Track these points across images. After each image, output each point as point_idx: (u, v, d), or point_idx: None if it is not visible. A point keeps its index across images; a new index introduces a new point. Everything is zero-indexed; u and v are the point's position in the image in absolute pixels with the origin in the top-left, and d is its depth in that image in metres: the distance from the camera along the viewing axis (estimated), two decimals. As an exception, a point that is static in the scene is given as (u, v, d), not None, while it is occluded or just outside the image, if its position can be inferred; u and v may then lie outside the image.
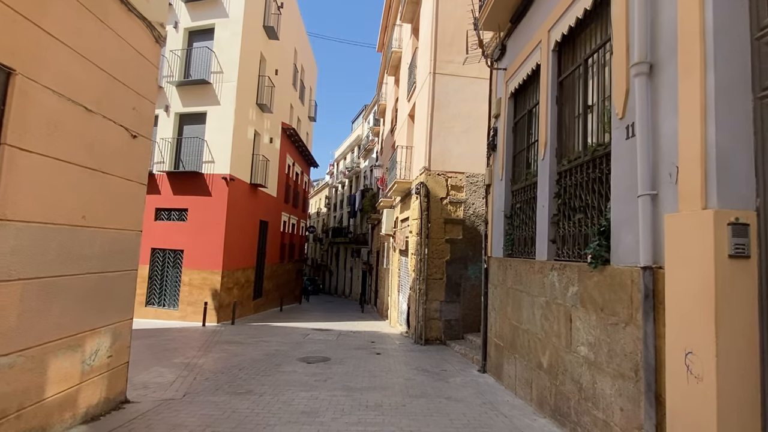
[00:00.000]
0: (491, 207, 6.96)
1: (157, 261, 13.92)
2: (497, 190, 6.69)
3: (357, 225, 31.22)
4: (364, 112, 34.09)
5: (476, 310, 9.55)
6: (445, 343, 9.45)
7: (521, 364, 5.32)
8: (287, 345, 9.19)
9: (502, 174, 6.49)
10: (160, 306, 13.75)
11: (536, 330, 4.90)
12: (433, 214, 9.69)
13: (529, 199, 5.59)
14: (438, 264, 9.61)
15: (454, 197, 9.80)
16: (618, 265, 3.41)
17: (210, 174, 13.59)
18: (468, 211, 9.80)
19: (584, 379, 3.82)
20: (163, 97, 14.38)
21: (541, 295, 4.79)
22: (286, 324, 13.51)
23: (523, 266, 5.41)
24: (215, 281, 13.19)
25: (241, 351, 8.37)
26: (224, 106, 13.78)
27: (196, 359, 7.46)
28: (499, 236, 6.45)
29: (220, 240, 13.27)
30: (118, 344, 4.51)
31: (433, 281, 9.56)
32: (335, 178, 42.82)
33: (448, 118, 9.91)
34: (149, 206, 14.01)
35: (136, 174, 4.67)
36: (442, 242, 9.66)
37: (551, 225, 4.76)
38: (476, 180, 9.90)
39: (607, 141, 3.82)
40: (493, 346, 6.48)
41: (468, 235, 9.74)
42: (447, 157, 9.85)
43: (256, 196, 16.35)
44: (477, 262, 9.71)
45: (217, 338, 10.06)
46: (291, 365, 7.12)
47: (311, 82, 27.15)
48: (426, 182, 9.73)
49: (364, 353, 8.39)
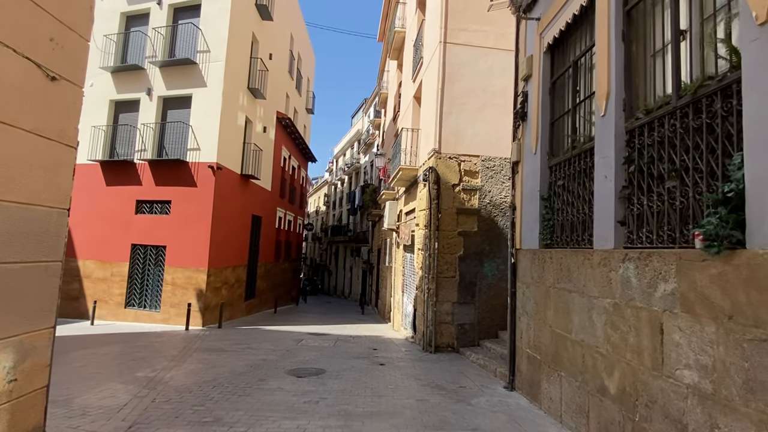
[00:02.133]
0: (520, 189, 5.74)
1: (137, 258, 12.69)
2: (529, 167, 5.48)
3: (357, 223, 30.02)
4: (364, 106, 32.89)
5: (493, 313, 8.35)
6: (458, 350, 8.23)
7: (570, 385, 4.10)
8: (277, 353, 7.97)
9: (535, 147, 5.27)
10: (140, 307, 12.51)
11: (596, 342, 3.69)
12: (444, 204, 8.47)
13: (577, 173, 4.37)
14: (450, 260, 8.39)
15: (468, 184, 8.59)
16: (765, 248, 2.19)
17: (195, 162, 12.36)
18: (484, 200, 8.58)
19: (692, 419, 2.61)
20: (145, 79, 13.16)
21: (605, 296, 3.58)
22: (279, 327, 12.29)
23: (571, 258, 4.19)
24: (200, 280, 11.96)
25: (222, 361, 7.14)
26: (211, 88, 12.56)
27: (164, 372, 6.23)
28: (533, 223, 5.23)
29: (205, 235, 12.05)
30: (28, 363, 3.27)
31: (444, 280, 8.35)
32: (334, 175, 41.62)
33: (461, 94, 8.70)
34: (130, 198, 12.81)
35: (58, 131, 3.41)
36: (454, 235, 8.44)
37: (619, 201, 3.54)
38: (493, 164, 8.68)
39: (726, 69, 2.61)
40: (526, 359, 5.25)
41: (484, 226, 8.52)
42: (460, 138, 8.64)
43: (248, 188, 15.12)
44: (494, 258, 8.49)
45: (198, 344, 8.84)
46: (277, 380, 5.90)
47: (309, 73, 25.94)
48: (436, 167, 8.51)
49: (366, 364, 7.17)
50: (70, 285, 13.08)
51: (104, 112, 13.42)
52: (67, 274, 13.12)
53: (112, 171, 13.06)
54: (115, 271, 12.69)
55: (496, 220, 8.58)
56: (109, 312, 12.57)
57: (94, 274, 12.89)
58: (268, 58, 16.44)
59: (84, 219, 13.15)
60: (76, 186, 12.83)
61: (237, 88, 13.60)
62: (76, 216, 13.25)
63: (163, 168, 12.56)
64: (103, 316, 12.53)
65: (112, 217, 12.83)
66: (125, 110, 13.47)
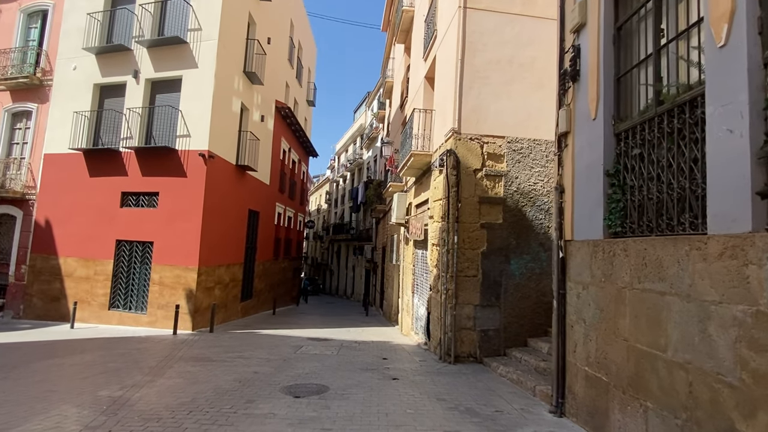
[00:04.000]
0: (571, 166, 4.63)
1: (122, 255, 11.61)
2: (584, 138, 4.37)
3: (360, 220, 28.97)
4: (367, 100, 31.78)
5: (522, 317, 7.25)
6: (482, 361, 7.13)
7: (666, 422, 3.00)
8: (272, 364, 6.87)
9: (595, 111, 4.17)
10: (125, 309, 11.43)
11: (717, 366, 2.58)
12: (464, 192, 7.37)
13: (665, 135, 3.27)
14: (471, 257, 7.29)
15: (492, 169, 7.48)
16: None
17: (185, 150, 11.28)
18: (510, 187, 7.47)
19: None
20: (132, 61, 12.08)
21: (736, 302, 2.47)
22: (277, 331, 11.20)
23: (664, 249, 3.09)
24: (190, 279, 10.87)
25: (206, 374, 6.05)
26: (202, 69, 11.47)
27: (134, 390, 5.15)
28: (592, 207, 4.13)
29: (196, 229, 10.96)
30: None
31: (465, 279, 7.25)
32: (336, 172, 40.53)
33: (484, 66, 7.59)
34: (114, 190, 11.74)
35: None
36: (476, 228, 7.34)
37: (757, 164, 2.44)
38: (520, 146, 7.57)
39: None
40: (583, 379, 4.15)
41: (510, 218, 7.42)
42: (482, 116, 7.53)
43: (244, 181, 14.04)
44: (523, 254, 7.38)
45: (183, 352, 7.75)
46: (270, 402, 4.80)
47: (310, 63, 24.84)
48: (455, 149, 7.41)
49: (376, 378, 6.08)
50: (51, 284, 12.02)
51: (88, 97, 12.35)
52: (48, 273, 12.08)
53: (96, 161, 11.98)
54: (99, 270, 11.62)
55: (525, 210, 7.47)
56: (92, 314, 11.49)
57: (76, 273, 11.82)
58: (267, 43, 15.34)
59: (65, 213, 12.10)
60: (57, 178, 11.73)
61: (231, 71, 12.51)
62: (57, 210, 12.21)
63: (151, 157, 11.48)
64: (86, 318, 11.46)
65: (96, 210, 11.76)
66: (110, 95, 12.40)
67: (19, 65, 13.38)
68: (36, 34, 13.87)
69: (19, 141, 13.53)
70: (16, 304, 12.44)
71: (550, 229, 7.50)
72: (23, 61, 13.45)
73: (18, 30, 13.77)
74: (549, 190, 7.58)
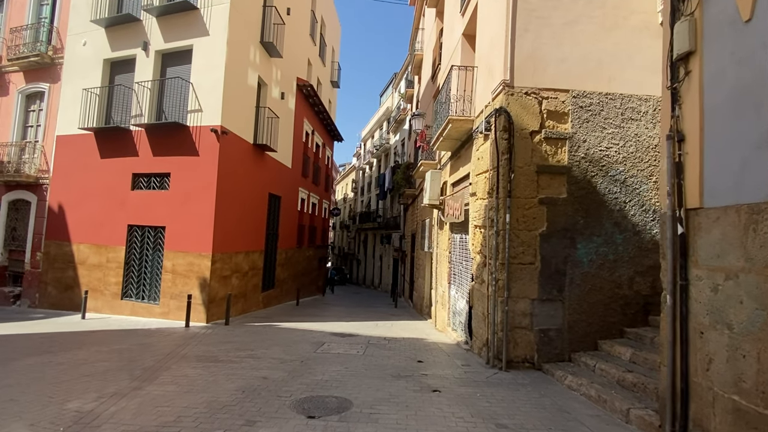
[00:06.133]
0: (698, 100, 3.19)
1: (134, 241, 10.84)
2: (726, 56, 2.93)
3: (387, 208, 27.75)
4: (394, 81, 30.29)
5: (591, 314, 5.84)
6: (540, 367, 5.78)
7: None
8: (286, 366, 5.77)
9: (749, 8, 2.72)
10: (138, 299, 10.68)
11: None
12: (518, 159, 5.96)
13: None
14: (527, 239, 5.91)
15: (553, 131, 6.03)
16: None
17: (196, 126, 10.31)
18: (576, 153, 6.01)
19: None
20: (141, 32, 11.18)
21: None
22: (298, 325, 10.16)
23: None
24: (203, 267, 9.96)
25: (205, 381, 4.99)
26: (214, 36, 10.42)
27: (111, 402, 4.13)
28: (748, 152, 2.70)
29: (209, 212, 10.01)
30: None
31: (519, 268, 5.88)
32: (362, 159, 39.35)
33: (541, 4, 6.11)
34: (125, 172, 10.95)
35: None
36: (533, 204, 5.94)
37: None
38: (590, 102, 6.07)
39: None
40: (728, 412, 2.77)
41: (577, 191, 5.97)
42: (540, 65, 6.07)
43: (263, 162, 13.03)
44: (592, 236, 5.94)
45: (189, 349, 6.78)
46: (276, 425, 3.66)
47: (334, 42, 23.58)
48: (506, 107, 6.00)
49: (411, 389, 4.86)
50: (65, 272, 11.44)
51: (98, 74, 11.57)
52: (61, 260, 11.50)
53: (106, 141, 11.22)
54: (111, 257, 10.91)
55: (595, 181, 6.00)
56: (105, 304, 10.82)
57: (89, 260, 11.16)
58: (286, 13, 14.18)
59: (78, 197, 11.44)
60: (69, 161, 11.00)
61: (246, 39, 11.41)
62: (69, 194, 11.58)
63: (162, 135, 10.58)
64: (99, 308, 10.80)
65: (108, 194, 11.02)
66: (121, 71, 11.57)
67: (32, 43, 12.79)
68: (48, 11, 13.23)
69: (33, 124, 13.01)
70: (32, 293, 11.96)
71: (627, 204, 6.01)
72: (36, 40, 12.84)
73: (30, 7, 13.17)
74: (626, 156, 6.06)
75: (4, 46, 13.23)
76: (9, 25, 13.27)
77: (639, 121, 6.13)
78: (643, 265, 5.98)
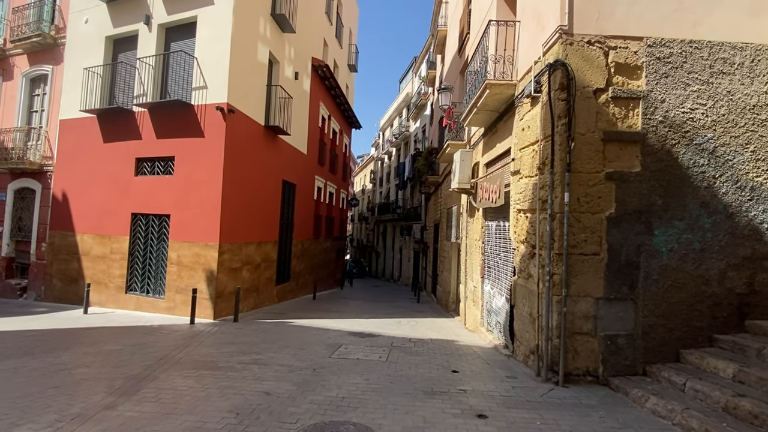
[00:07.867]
0: None
1: (139, 231, 10.09)
2: None
3: (407, 198, 26.64)
4: (414, 65, 28.97)
5: (672, 316, 4.69)
6: (607, 382, 4.66)
7: None
8: (294, 377, 4.81)
9: None
10: (143, 293, 9.95)
11: None
12: (579, 125, 4.80)
13: None
14: (590, 224, 4.77)
15: (624, 89, 4.83)
16: None
17: (201, 105, 9.42)
18: (653, 116, 4.81)
19: None
20: (143, 4, 10.33)
21: None
22: (314, 321, 9.25)
23: None
24: (210, 259, 9.12)
25: (193, 397, 4.07)
26: (219, 5, 9.47)
27: (68, 429, 3.23)
28: None
29: (215, 199, 9.14)
30: None
31: (580, 259, 4.75)
32: (381, 149, 38.23)
33: (609, -70, 4.88)
34: (129, 156, 10.19)
35: None
36: (598, 181, 4.78)
37: None
38: (669, 52, 4.84)
39: None
40: None
41: (654, 164, 4.78)
42: (606, 7, 4.87)
43: (276, 146, 12.11)
44: (673, 220, 4.75)
45: (186, 352, 5.91)
46: (272, 471, 2.68)
47: (351, 23, 22.44)
48: (565, 59, 4.82)
49: (448, 411, 3.82)
50: (69, 264, 10.82)
51: (100, 52, 10.81)
52: (66, 251, 10.88)
53: (109, 123, 10.47)
54: (115, 248, 10.20)
55: (676, 152, 4.79)
56: (109, 298, 10.14)
57: (93, 251, 10.50)
58: (299, -14, 13.14)
59: (81, 185, 10.77)
60: (72, 146, 10.22)
61: (256, 9, 10.43)
62: (72, 182, 10.92)
63: (165, 115, 9.74)
64: (103, 302, 10.14)
65: (111, 180, 10.30)
66: (123, 49, 10.77)
67: (35, 23, 12.15)
68: (51, -10, 12.55)
69: (37, 109, 12.42)
70: (38, 285, 11.42)
71: (718, 180, 4.79)
72: (39, 19, 12.19)
73: (32, -14, 12.51)
74: (715, 119, 4.82)
75: (7, 27, 12.65)
76: (12, 5, 12.68)
77: (733, 76, 4.86)
78: (737, 256, 4.76)
